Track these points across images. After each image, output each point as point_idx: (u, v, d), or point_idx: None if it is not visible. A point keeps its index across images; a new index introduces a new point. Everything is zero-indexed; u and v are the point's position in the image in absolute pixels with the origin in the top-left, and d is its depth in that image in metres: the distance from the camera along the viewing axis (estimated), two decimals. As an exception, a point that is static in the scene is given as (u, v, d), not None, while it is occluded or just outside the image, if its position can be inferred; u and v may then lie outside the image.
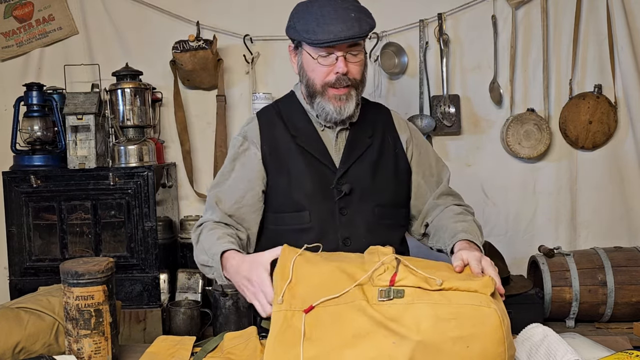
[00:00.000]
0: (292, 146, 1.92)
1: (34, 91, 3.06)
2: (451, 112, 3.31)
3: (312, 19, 1.80)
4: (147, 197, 2.92)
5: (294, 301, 1.40)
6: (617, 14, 3.21)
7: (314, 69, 1.85)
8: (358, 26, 1.76)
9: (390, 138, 2.00)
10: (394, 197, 1.96)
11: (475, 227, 1.83)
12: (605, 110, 3.26)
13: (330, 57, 1.81)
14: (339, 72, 1.81)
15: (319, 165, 1.90)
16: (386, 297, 1.34)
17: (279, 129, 1.96)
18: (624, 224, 3.34)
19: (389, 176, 1.95)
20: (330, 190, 1.88)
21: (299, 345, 1.32)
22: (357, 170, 1.91)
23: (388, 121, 2.04)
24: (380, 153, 1.95)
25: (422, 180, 2.02)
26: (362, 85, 1.90)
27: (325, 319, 1.36)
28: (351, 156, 1.92)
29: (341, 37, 1.75)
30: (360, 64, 1.85)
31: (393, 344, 1.27)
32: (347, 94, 1.84)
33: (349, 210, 1.88)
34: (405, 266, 1.40)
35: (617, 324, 2.97)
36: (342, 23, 1.76)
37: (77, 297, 1.53)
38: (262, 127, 1.98)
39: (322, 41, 1.77)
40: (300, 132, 1.94)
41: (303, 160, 1.91)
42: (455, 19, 3.33)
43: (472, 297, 1.32)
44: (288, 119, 1.97)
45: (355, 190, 1.89)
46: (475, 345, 1.26)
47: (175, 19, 3.35)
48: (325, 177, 1.89)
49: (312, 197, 1.89)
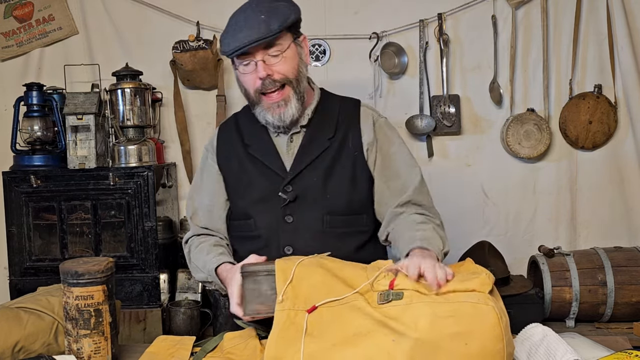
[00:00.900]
0: (244, 155, 1.91)
1: (34, 91, 3.06)
2: (451, 112, 3.31)
3: (228, 30, 1.76)
4: (147, 197, 2.92)
5: (297, 301, 1.43)
6: (617, 14, 3.21)
7: (243, 79, 1.81)
8: (265, 27, 1.69)
9: (352, 139, 1.87)
10: (348, 204, 1.85)
11: (436, 234, 1.72)
12: (605, 110, 3.26)
13: (250, 65, 1.76)
14: (261, 77, 1.74)
15: (269, 172, 1.86)
16: (385, 299, 1.36)
17: (234, 139, 1.95)
18: (624, 224, 3.34)
19: (344, 182, 1.84)
20: (277, 197, 1.82)
21: (300, 341, 1.34)
22: (308, 176, 1.83)
23: (354, 120, 1.90)
24: (337, 157, 1.85)
25: (385, 186, 1.88)
26: (297, 82, 1.79)
27: (327, 318, 1.39)
28: (302, 161, 1.84)
29: (245, 42, 1.69)
30: (285, 62, 1.76)
31: (392, 342, 1.28)
32: (283, 98, 1.78)
33: (294, 218, 1.82)
34: (403, 274, 1.42)
35: (617, 324, 2.97)
36: (249, 28, 1.70)
37: (76, 297, 1.53)
38: (219, 139, 1.99)
39: (232, 50, 1.73)
40: (253, 141, 1.91)
41: (253, 168, 1.88)
42: (455, 19, 3.33)
43: (470, 295, 1.32)
44: (243, 129, 1.95)
45: (303, 196, 1.82)
46: (474, 342, 1.26)
47: (175, 19, 3.35)
48: (274, 184, 1.84)
49: (257, 204, 1.86)
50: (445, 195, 3.33)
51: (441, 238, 1.72)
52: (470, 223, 3.40)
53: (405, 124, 3.32)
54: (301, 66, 1.81)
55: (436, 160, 3.38)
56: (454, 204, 3.36)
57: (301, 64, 1.81)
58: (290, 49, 1.77)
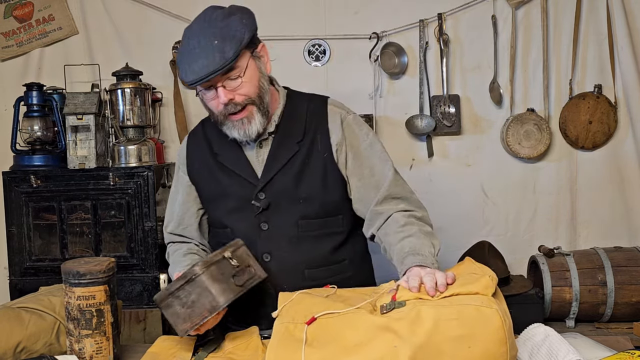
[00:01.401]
0: (214, 165, 1.89)
1: (34, 91, 3.05)
2: (451, 112, 3.31)
3: (182, 57, 1.72)
4: (147, 197, 2.92)
5: (297, 315, 1.44)
6: (617, 14, 3.21)
7: (206, 103, 1.79)
8: (220, 55, 1.64)
9: (320, 140, 1.84)
10: (321, 207, 1.83)
11: (422, 237, 1.68)
12: (605, 110, 3.26)
13: (211, 91, 1.73)
14: (224, 103, 1.72)
15: (241, 181, 1.85)
16: (388, 309, 1.36)
17: (203, 148, 1.93)
18: (624, 224, 3.34)
19: (315, 185, 1.82)
20: (251, 205, 1.81)
21: (299, 352, 1.33)
22: (279, 182, 1.81)
23: (322, 121, 1.86)
24: (307, 160, 1.83)
25: (360, 183, 1.85)
26: (260, 99, 1.76)
27: (328, 329, 1.38)
28: (272, 168, 1.82)
29: (202, 75, 1.65)
30: (246, 84, 1.72)
31: (394, 348, 1.28)
32: (247, 115, 1.75)
33: (269, 225, 1.82)
34: (404, 288, 1.43)
35: (617, 324, 2.97)
36: (204, 58, 1.65)
37: (78, 297, 1.53)
38: (189, 149, 1.98)
39: (191, 82, 1.69)
40: (222, 149, 1.89)
41: (225, 177, 1.87)
42: (455, 19, 3.33)
43: (474, 298, 1.32)
44: (212, 137, 1.93)
45: (276, 203, 1.81)
46: (477, 346, 1.26)
47: (175, 19, 3.35)
48: (247, 193, 1.83)
49: (232, 214, 1.85)
50: (445, 195, 3.34)
51: (429, 238, 1.69)
52: (470, 223, 3.40)
53: (405, 124, 3.32)
54: (262, 81, 1.77)
55: (436, 160, 3.38)
56: (454, 204, 3.37)
57: (262, 78, 1.77)
58: (249, 68, 1.72)
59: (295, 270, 1.80)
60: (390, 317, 1.33)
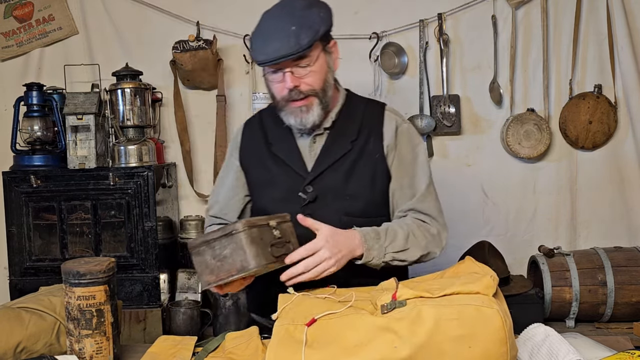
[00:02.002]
0: (267, 153, 1.93)
1: (34, 91, 3.06)
2: (451, 112, 3.31)
3: (257, 37, 1.77)
4: (147, 197, 2.92)
5: (297, 317, 1.43)
6: (617, 14, 3.21)
7: (270, 86, 1.82)
8: (295, 41, 1.68)
9: (374, 142, 1.88)
10: (366, 206, 1.86)
11: (404, 234, 1.75)
12: (605, 110, 3.27)
13: (278, 74, 1.76)
14: (288, 88, 1.75)
15: (290, 172, 1.88)
16: (389, 309, 1.36)
17: (258, 137, 1.97)
18: (624, 224, 3.35)
19: (364, 184, 1.86)
20: (297, 197, 1.85)
21: (299, 353, 1.33)
22: (329, 177, 1.85)
23: (377, 124, 1.91)
24: (358, 159, 1.86)
25: (397, 191, 1.89)
26: (324, 93, 1.81)
27: (328, 330, 1.38)
28: (324, 162, 1.86)
29: (274, 57, 1.70)
30: (313, 74, 1.77)
31: (395, 349, 1.28)
32: (307, 105, 1.79)
33: (313, 218, 1.80)
34: (404, 285, 1.43)
35: (617, 324, 2.98)
36: (278, 40, 1.69)
37: (78, 297, 1.53)
38: (244, 136, 2.02)
39: (261, 62, 1.74)
40: (277, 140, 1.93)
41: (275, 166, 1.91)
42: (455, 19, 3.33)
43: (474, 298, 1.32)
44: (267, 127, 1.97)
45: (322, 197, 1.83)
46: (478, 346, 1.26)
47: (175, 19, 3.35)
48: (295, 184, 1.86)
49: (277, 203, 1.86)
50: (445, 195, 3.31)
51: (408, 240, 1.75)
52: (470, 223, 3.40)
53: (405, 124, 3.32)
54: (328, 76, 1.82)
55: (436, 160, 3.38)
56: (454, 204, 3.35)
57: (329, 73, 1.82)
58: (319, 60, 1.78)
59: None
60: (390, 317, 1.33)
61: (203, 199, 3.41)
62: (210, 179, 3.42)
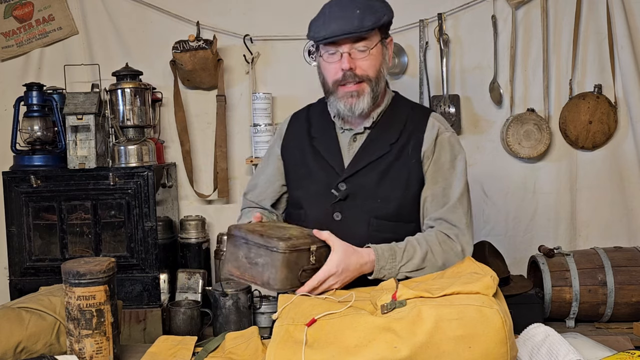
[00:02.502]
0: (307, 146, 1.95)
1: (34, 91, 3.05)
2: (451, 112, 3.31)
3: (321, 18, 1.80)
4: (147, 197, 2.92)
5: (297, 317, 1.43)
6: (617, 14, 3.21)
7: (324, 67, 1.85)
8: (358, 21, 1.73)
9: (413, 147, 1.87)
10: (397, 210, 1.85)
11: (415, 252, 1.74)
12: (605, 110, 3.26)
13: (336, 54, 1.79)
14: (344, 69, 1.78)
15: (327, 167, 1.89)
16: (389, 309, 1.36)
17: (302, 129, 2.00)
18: (624, 224, 3.34)
19: (397, 188, 1.84)
20: (330, 193, 1.86)
21: (300, 352, 1.33)
22: (363, 177, 1.85)
23: (419, 128, 1.89)
24: (395, 162, 1.86)
25: (430, 198, 1.87)
26: (376, 82, 1.83)
27: (328, 331, 1.38)
28: (360, 161, 1.87)
29: (337, 32, 1.74)
30: (370, 59, 1.80)
31: (394, 349, 1.28)
32: (358, 90, 1.81)
33: (343, 216, 1.85)
34: (404, 285, 1.44)
35: (617, 324, 2.97)
36: (342, 19, 1.74)
37: (78, 297, 1.53)
38: (290, 127, 2.05)
39: (321, 37, 1.77)
40: (319, 134, 1.96)
41: (313, 160, 1.92)
42: (455, 19, 3.33)
43: (474, 298, 1.32)
44: (313, 121, 2.00)
45: (354, 196, 1.84)
46: (478, 346, 1.26)
47: (175, 19, 3.35)
48: (330, 180, 1.87)
49: (311, 197, 1.90)
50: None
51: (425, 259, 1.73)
52: (470, 223, 3.39)
53: (405, 124, 3.32)
54: (383, 67, 1.85)
55: (436, 160, 3.38)
56: (454, 204, 3.36)
57: (384, 64, 1.85)
58: (376, 48, 1.81)
59: None
60: (390, 317, 1.33)
61: (203, 199, 3.41)
62: (210, 179, 3.42)
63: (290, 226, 1.76)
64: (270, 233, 1.61)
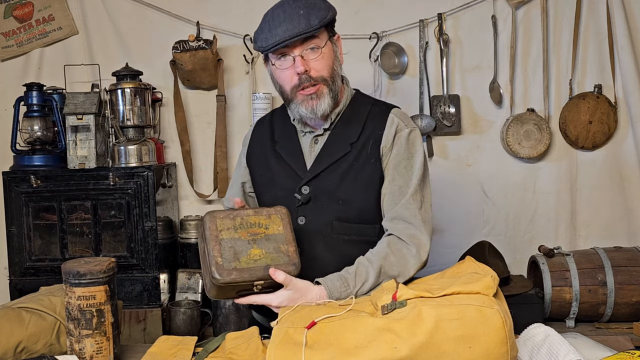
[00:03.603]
0: (270, 152, 1.94)
1: (34, 91, 3.06)
2: (451, 112, 3.31)
3: (265, 27, 1.77)
4: (147, 197, 2.92)
5: (297, 321, 1.43)
6: (617, 14, 3.21)
7: (279, 75, 1.81)
8: (305, 22, 1.71)
9: (372, 146, 1.84)
10: (359, 212, 1.82)
11: (372, 271, 1.69)
12: (605, 110, 3.27)
13: (287, 59, 1.77)
14: (299, 72, 1.75)
15: (290, 171, 1.87)
16: (389, 309, 1.36)
17: (266, 135, 1.99)
18: (624, 224, 3.34)
19: (357, 189, 1.82)
20: (293, 197, 1.83)
21: (300, 354, 1.33)
22: (324, 179, 1.83)
23: (378, 126, 1.86)
24: (355, 162, 1.83)
25: (388, 195, 1.82)
26: (332, 81, 1.80)
27: (328, 332, 1.38)
28: (321, 163, 1.84)
29: (285, 36, 1.71)
30: (323, 59, 1.78)
31: (394, 349, 1.28)
32: (317, 92, 1.78)
33: (307, 220, 1.83)
34: (404, 285, 1.44)
35: (617, 324, 2.97)
36: (288, 23, 1.71)
37: (78, 297, 1.53)
38: (255, 133, 2.04)
39: (271, 45, 1.74)
40: (282, 139, 1.94)
41: (277, 165, 1.91)
42: (455, 19, 3.33)
43: (475, 298, 1.32)
44: (276, 126, 1.99)
45: (316, 199, 1.82)
46: (478, 346, 1.26)
47: (175, 19, 3.35)
48: (293, 183, 1.85)
49: (276, 202, 1.84)
50: (445, 195, 3.34)
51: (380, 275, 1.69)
52: (470, 223, 3.40)
53: (405, 124, 3.32)
54: (336, 65, 1.84)
55: (436, 160, 3.38)
56: (454, 204, 3.37)
57: (336, 62, 1.84)
58: (327, 46, 1.79)
59: (323, 271, 1.75)
60: (390, 318, 1.33)
61: (203, 199, 3.41)
62: (210, 179, 3.42)
63: (262, 233, 1.66)
64: (222, 250, 1.58)
